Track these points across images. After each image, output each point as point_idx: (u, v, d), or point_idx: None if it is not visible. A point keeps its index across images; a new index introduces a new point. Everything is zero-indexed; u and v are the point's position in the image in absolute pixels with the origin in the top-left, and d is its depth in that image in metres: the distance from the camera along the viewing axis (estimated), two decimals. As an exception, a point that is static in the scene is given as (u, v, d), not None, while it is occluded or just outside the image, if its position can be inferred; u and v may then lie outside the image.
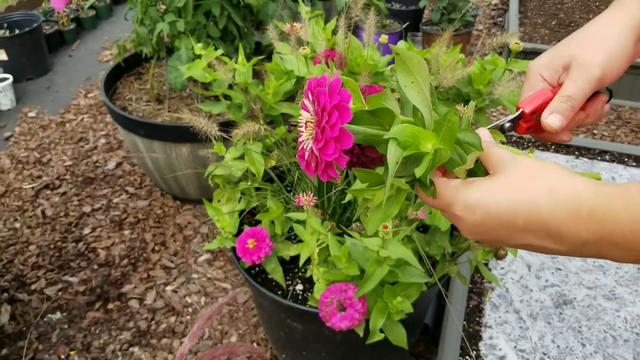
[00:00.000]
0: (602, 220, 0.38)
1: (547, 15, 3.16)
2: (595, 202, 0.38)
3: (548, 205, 0.40)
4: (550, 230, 0.40)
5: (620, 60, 0.55)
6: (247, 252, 1.19)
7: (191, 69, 1.29)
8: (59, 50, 3.38)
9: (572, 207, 0.39)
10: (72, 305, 1.73)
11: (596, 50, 0.54)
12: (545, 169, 0.42)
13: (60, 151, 2.45)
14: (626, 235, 0.37)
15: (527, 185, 0.41)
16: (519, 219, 0.41)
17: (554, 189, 0.40)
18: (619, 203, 0.38)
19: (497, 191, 0.43)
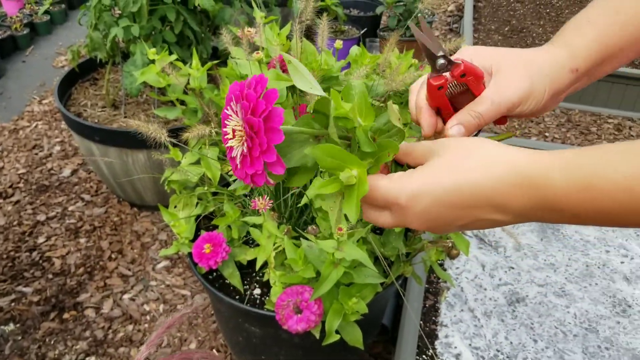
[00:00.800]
0: (540, 187, 0.40)
1: (500, 21, 3.24)
2: (533, 171, 0.40)
3: (489, 181, 0.41)
4: (495, 204, 0.42)
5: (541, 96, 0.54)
6: (204, 257, 1.18)
7: (145, 74, 1.28)
8: (12, 56, 3.30)
9: (511, 179, 0.41)
10: (26, 316, 1.69)
11: (523, 74, 0.53)
12: (477, 145, 0.44)
13: (14, 159, 2.39)
14: (562, 200, 0.39)
15: (465, 164, 0.43)
16: (464, 198, 0.42)
17: (491, 164, 0.42)
18: (555, 169, 0.39)
19: (438, 175, 0.44)
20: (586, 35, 0.55)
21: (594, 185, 0.38)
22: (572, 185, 0.38)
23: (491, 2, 3.55)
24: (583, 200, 0.38)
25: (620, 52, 0.56)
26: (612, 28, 0.55)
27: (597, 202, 0.38)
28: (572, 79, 0.55)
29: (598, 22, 0.55)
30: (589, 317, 1.44)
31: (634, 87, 2.59)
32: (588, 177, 0.38)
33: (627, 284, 1.54)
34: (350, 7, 3.48)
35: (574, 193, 0.38)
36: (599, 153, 0.39)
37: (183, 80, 1.25)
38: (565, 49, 0.55)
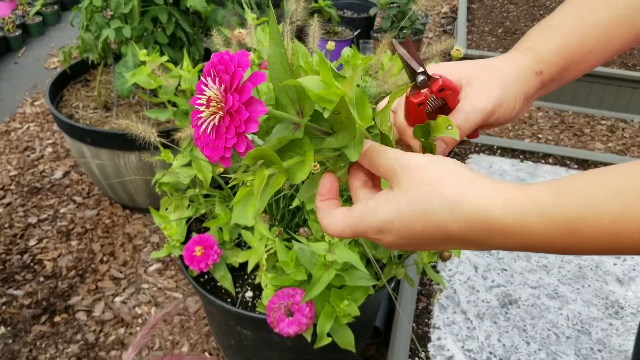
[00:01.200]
0: (518, 235, 0.38)
1: (494, 23, 3.25)
2: (507, 219, 0.38)
3: (455, 225, 0.39)
4: (466, 242, 0.40)
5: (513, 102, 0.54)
6: (195, 260, 1.18)
7: (135, 76, 1.27)
8: (4, 57, 3.28)
9: (483, 227, 0.38)
10: (16, 319, 1.68)
11: (493, 82, 0.53)
12: (440, 179, 0.41)
13: (5, 161, 2.37)
14: (544, 244, 0.38)
15: (427, 205, 0.40)
16: (430, 236, 0.41)
17: (455, 208, 0.39)
18: (532, 217, 0.37)
19: (402, 213, 0.42)
20: (549, 40, 0.55)
21: (578, 231, 0.36)
22: (554, 232, 0.36)
23: (485, 3, 3.56)
24: (566, 245, 0.37)
25: (587, 57, 0.55)
26: (576, 34, 0.55)
27: (582, 246, 0.37)
28: (538, 83, 0.55)
29: (562, 28, 0.55)
30: (582, 319, 1.44)
31: (626, 89, 2.60)
32: (572, 222, 0.36)
33: (619, 285, 1.54)
34: (344, 8, 3.48)
35: (556, 239, 0.37)
36: (581, 195, 0.36)
37: (174, 82, 1.25)
38: (529, 53, 0.55)
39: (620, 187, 0.35)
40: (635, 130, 2.55)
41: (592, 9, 0.55)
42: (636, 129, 2.56)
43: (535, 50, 0.55)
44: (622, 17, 0.54)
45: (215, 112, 0.41)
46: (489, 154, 2.09)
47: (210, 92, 0.42)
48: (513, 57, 0.55)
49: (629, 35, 0.55)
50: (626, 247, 0.36)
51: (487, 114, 0.52)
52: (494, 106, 0.52)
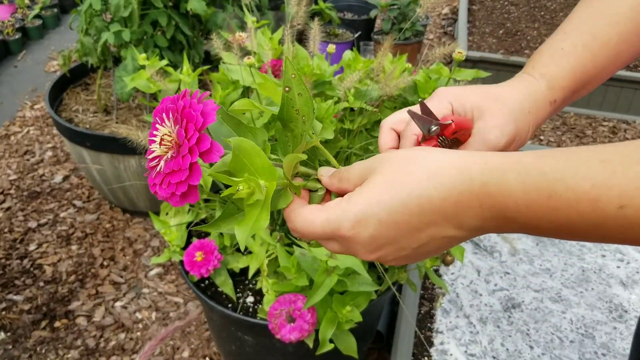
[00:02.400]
0: (496, 195, 0.35)
1: (495, 24, 3.24)
2: (486, 176, 0.36)
3: (437, 191, 0.37)
4: (448, 216, 0.38)
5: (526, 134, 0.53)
6: (196, 265, 1.17)
7: (135, 80, 1.26)
8: (4, 61, 3.27)
9: (463, 187, 0.36)
10: (16, 325, 1.67)
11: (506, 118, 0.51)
12: (420, 154, 0.40)
13: (5, 165, 2.36)
14: (521, 210, 0.35)
15: (408, 178, 0.38)
16: (413, 216, 0.38)
17: (438, 172, 0.38)
18: (511, 175, 0.35)
19: (380, 194, 0.39)
20: (562, 66, 0.54)
21: (556, 193, 0.34)
22: (532, 192, 0.34)
23: (486, 5, 3.55)
24: (543, 211, 0.34)
25: (598, 76, 0.55)
26: (589, 55, 0.54)
27: (559, 214, 0.34)
28: (551, 111, 0.54)
29: (574, 50, 0.54)
30: (585, 322, 1.43)
31: (628, 90, 2.59)
32: (550, 184, 0.34)
33: (623, 288, 1.52)
34: (344, 10, 3.47)
35: (534, 201, 0.34)
36: (565, 156, 0.34)
37: (174, 86, 1.24)
38: (543, 81, 0.54)
39: (605, 156, 0.33)
40: (637, 132, 2.54)
41: (601, 29, 0.54)
42: (638, 130, 2.55)
43: (549, 78, 0.54)
44: (627, 33, 0.54)
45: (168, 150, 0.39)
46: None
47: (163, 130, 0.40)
48: (526, 85, 0.54)
49: (636, 48, 0.55)
50: (604, 220, 0.33)
51: (501, 150, 0.50)
52: (508, 142, 0.51)
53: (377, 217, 0.39)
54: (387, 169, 0.40)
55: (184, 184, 0.38)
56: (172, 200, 0.39)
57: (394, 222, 0.39)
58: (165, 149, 0.40)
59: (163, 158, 0.40)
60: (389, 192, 0.39)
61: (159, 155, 0.40)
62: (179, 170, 0.38)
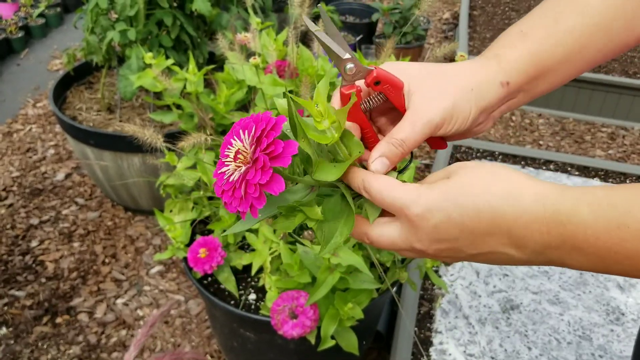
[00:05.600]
0: (566, 223, 0.36)
1: (496, 29, 3.26)
2: (560, 204, 0.37)
3: (512, 208, 0.38)
4: (514, 236, 0.39)
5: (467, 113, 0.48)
6: (199, 262, 1.18)
7: (141, 78, 1.28)
8: (7, 59, 3.29)
9: (536, 210, 0.37)
10: (18, 320, 1.68)
11: (443, 91, 0.47)
12: (502, 172, 0.41)
13: (7, 162, 2.38)
14: (589, 239, 0.35)
15: (489, 188, 0.39)
16: (481, 224, 0.39)
17: (517, 192, 0.38)
18: (583, 205, 0.36)
19: (459, 194, 0.40)
20: (518, 47, 0.50)
21: (626, 225, 0.34)
22: (602, 223, 0.35)
23: (486, 10, 3.57)
24: (612, 242, 0.35)
25: (560, 67, 0.50)
26: (549, 40, 0.50)
27: (628, 245, 0.34)
28: (503, 93, 0.49)
29: (533, 33, 0.50)
30: (583, 324, 1.44)
31: (627, 97, 2.61)
32: (621, 216, 0.34)
33: (620, 292, 1.54)
34: (346, 13, 3.49)
35: (603, 232, 0.35)
36: (634, 191, 0.35)
37: (179, 85, 1.25)
38: (495, 60, 0.50)
39: None
40: (635, 138, 2.56)
41: (566, 15, 0.50)
42: (636, 137, 2.57)
43: (503, 58, 0.50)
44: (594, 26, 0.50)
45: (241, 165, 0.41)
46: (491, 159, 2.10)
47: (238, 145, 0.41)
48: (475, 64, 0.50)
49: (603, 46, 0.51)
50: None
51: (436, 126, 0.47)
52: (443, 118, 0.47)
53: (447, 212, 0.40)
54: (470, 175, 0.41)
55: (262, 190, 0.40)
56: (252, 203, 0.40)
57: (461, 223, 0.40)
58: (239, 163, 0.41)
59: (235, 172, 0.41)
60: (467, 195, 0.40)
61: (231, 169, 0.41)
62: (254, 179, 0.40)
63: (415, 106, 0.47)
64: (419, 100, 0.47)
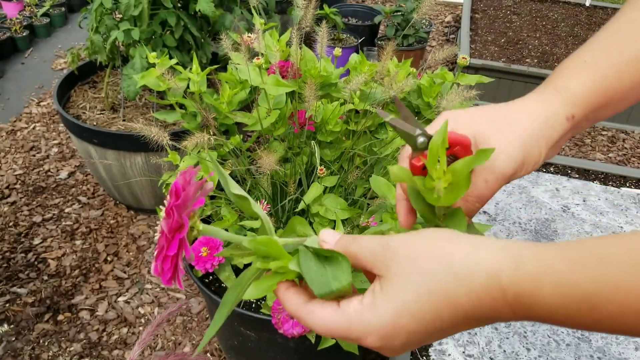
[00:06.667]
0: (530, 306, 0.34)
1: (497, 33, 3.27)
2: (518, 286, 0.33)
3: (469, 299, 0.35)
4: (479, 319, 0.36)
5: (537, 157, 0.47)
6: (201, 260, 1.19)
7: (145, 78, 1.29)
8: (11, 58, 3.30)
9: (496, 295, 0.34)
10: (20, 317, 1.69)
11: (514, 142, 0.46)
12: (436, 249, 0.37)
13: (11, 160, 2.39)
14: (558, 319, 0.33)
15: (434, 283, 0.36)
16: (444, 323, 0.36)
17: (465, 276, 0.35)
18: (546, 287, 0.33)
19: (407, 302, 0.36)
20: (581, 79, 0.48)
21: (598, 307, 0.32)
22: (570, 305, 0.32)
23: (488, 13, 3.58)
24: (584, 322, 0.33)
25: (625, 95, 0.48)
26: (613, 71, 0.47)
27: (603, 324, 0.32)
28: (569, 127, 0.48)
29: (596, 63, 0.48)
30: (582, 326, 1.45)
31: (628, 100, 2.61)
32: (587, 296, 0.32)
33: (619, 294, 1.55)
34: (349, 15, 3.50)
35: (573, 314, 0.32)
36: (598, 266, 0.32)
37: (183, 85, 1.26)
38: (558, 94, 0.48)
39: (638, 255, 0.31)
40: (635, 142, 2.57)
41: (627, 44, 0.48)
42: (636, 140, 2.58)
43: (566, 90, 0.48)
44: None
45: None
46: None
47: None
48: (537, 102, 0.48)
49: None
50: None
51: (509, 177, 0.45)
52: (515, 169, 0.45)
53: (406, 329, 0.37)
54: (405, 268, 0.37)
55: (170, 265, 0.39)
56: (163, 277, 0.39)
57: (425, 330, 0.37)
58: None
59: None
60: (416, 300, 0.36)
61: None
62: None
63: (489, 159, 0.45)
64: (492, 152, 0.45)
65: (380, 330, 0.37)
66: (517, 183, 1.96)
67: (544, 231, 1.64)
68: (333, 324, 0.38)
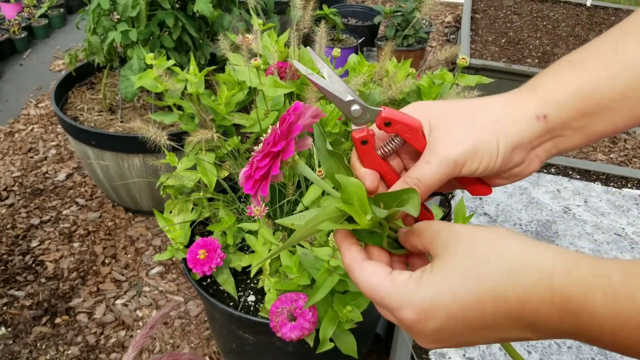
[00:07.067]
0: (578, 314, 0.31)
1: (497, 33, 3.26)
2: (570, 289, 0.32)
3: (516, 294, 0.33)
4: (524, 322, 0.34)
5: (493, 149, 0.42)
6: (198, 263, 1.18)
7: (142, 79, 1.28)
8: (10, 59, 3.29)
9: (544, 295, 0.32)
10: (17, 320, 1.68)
11: (464, 126, 0.43)
12: (499, 240, 0.36)
13: (9, 162, 2.38)
14: (605, 334, 0.31)
15: (485, 270, 0.34)
16: (486, 315, 0.34)
17: (517, 271, 0.34)
18: (597, 294, 0.31)
19: (453, 283, 0.35)
20: (562, 77, 0.43)
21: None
22: (619, 319, 0.30)
23: (488, 13, 3.57)
24: (633, 341, 0.30)
25: (621, 104, 0.42)
26: (604, 72, 0.42)
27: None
28: (541, 129, 0.43)
29: (584, 64, 0.43)
30: (583, 328, 1.44)
31: (629, 100, 2.60)
32: (637, 310, 0.29)
33: (621, 296, 1.54)
34: (349, 16, 3.49)
35: (622, 329, 0.30)
36: None
37: (180, 86, 1.25)
38: (531, 91, 0.44)
39: None
40: (637, 142, 2.56)
41: (625, 45, 0.42)
42: (638, 141, 2.57)
43: (541, 88, 0.43)
44: None
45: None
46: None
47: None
48: (506, 96, 0.45)
49: None
50: None
51: (454, 163, 0.42)
52: (464, 154, 0.42)
53: (446, 309, 0.35)
54: (461, 251, 0.36)
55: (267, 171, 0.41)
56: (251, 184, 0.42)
57: (464, 318, 0.35)
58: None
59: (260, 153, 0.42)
60: (463, 282, 0.35)
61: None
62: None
63: (432, 143, 0.43)
64: (437, 137, 0.43)
65: (418, 305, 0.36)
66: (518, 184, 1.95)
67: (545, 232, 1.63)
68: (378, 287, 0.38)
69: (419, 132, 0.43)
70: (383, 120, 0.43)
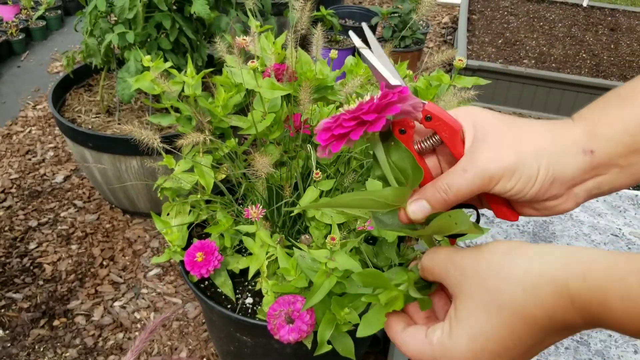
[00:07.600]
0: (599, 315, 0.33)
1: (494, 34, 3.26)
2: (586, 295, 0.33)
3: (540, 310, 0.34)
4: (556, 330, 0.35)
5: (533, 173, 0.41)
6: (196, 265, 1.18)
7: (139, 81, 1.28)
8: (7, 61, 3.29)
9: (566, 306, 0.34)
10: (15, 323, 1.68)
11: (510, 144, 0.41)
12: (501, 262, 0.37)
13: (6, 164, 2.38)
14: (626, 330, 0.33)
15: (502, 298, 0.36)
16: (523, 338, 0.36)
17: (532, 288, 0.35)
18: (614, 299, 0.32)
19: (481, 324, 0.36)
20: (612, 111, 0.41)
21: None
22: (636, 316, 0.31)
23: (485, 14, 3.58)
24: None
25: None
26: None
27: None
28: (587, 164, 0.41)
29: (634, 97, 0.41)
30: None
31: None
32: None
33: (618, 296, 1.54)
34: (346, 17, 3.49)
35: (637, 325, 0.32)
36: None
37: (177, 88, 1.25)
38: (581, 123, 0.42)
39: None
40: (634, 142, 2.56)
41: None
42: (635, 141, 2.57)
43: (590, 121, 0.42)
44: None
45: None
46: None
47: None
48: (555, 124, 0.43)
49: None
50: None
51: (490, 178, 0.41)
52: (501, 170, 0.41)
53: (487, 350, 0.37)
54: (474, 289, 0.37)
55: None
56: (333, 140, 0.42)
57: (505, 348, 0.36)
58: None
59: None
60: (488, 319, 0.36)
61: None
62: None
63: (473, 152, 0.42)
64: (480, 148, 0.41)
65: (460, 357, 0.37)
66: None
67: (542, 233, 1.63)
68: (420, 353, 0.40)
69: (457, 134, 0.43)
70: (425, 114, 0.43)
